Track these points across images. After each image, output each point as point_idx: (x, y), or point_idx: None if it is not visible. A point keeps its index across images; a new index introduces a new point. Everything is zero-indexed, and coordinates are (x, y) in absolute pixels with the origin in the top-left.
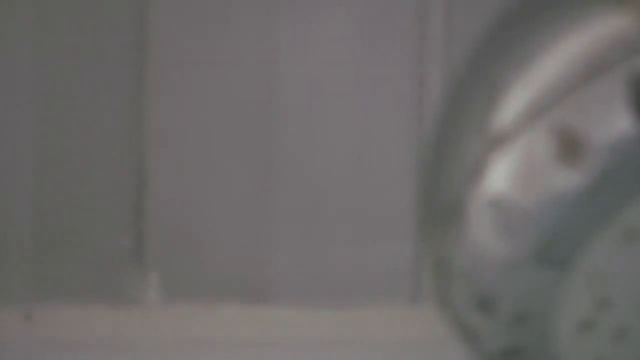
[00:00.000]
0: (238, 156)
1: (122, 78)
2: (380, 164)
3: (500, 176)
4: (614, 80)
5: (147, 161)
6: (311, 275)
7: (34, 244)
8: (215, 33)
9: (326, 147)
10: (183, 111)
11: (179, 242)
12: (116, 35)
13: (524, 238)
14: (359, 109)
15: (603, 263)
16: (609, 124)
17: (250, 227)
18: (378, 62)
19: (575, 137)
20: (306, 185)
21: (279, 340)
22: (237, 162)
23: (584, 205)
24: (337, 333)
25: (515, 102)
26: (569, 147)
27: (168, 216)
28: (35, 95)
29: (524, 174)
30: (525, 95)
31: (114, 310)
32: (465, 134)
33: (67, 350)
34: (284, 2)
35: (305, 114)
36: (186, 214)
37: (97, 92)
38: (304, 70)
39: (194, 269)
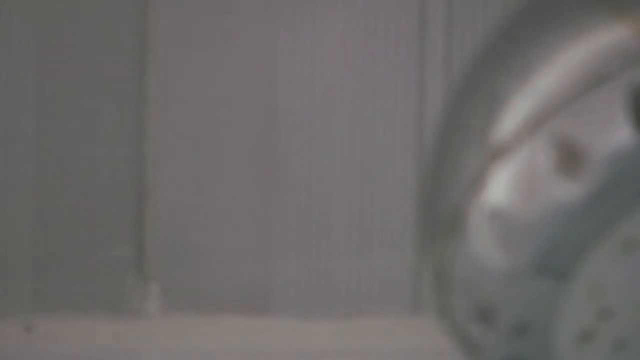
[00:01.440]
0: (239, 167)
1: (122, 86)
2: (381, 175)
3: (500, 187)
4: (613, 91)
5: (147, 172)
6: (312, 286)
7: (34, 255)
8: (216, 38)
9: (327, 159)
10: (184, 121)
11: (179, 253)
12: (117, 41)
13: (523, 249)
14: (360, 121)
15: (603, 274)
16: (609, 135)
17: (251, 238)
18: (378, 71)
19: (574, 148)
20: (307, 196)
21: (280, 351)
22: (238, 173)
23: (583, 216)
24: (337, 344)
25: (515, 113)
26: (569, 158)
27: (168, 227)
28: (35, 103)
29: (524, 185)
30: (524, 106)
31: (115, 321)
32: (465, 145)
33: None
34: (285, 7)
35: (306, 126)
36: (187, 225)
37: (98, 102)
38: (305, 78)
39: (194, 280)
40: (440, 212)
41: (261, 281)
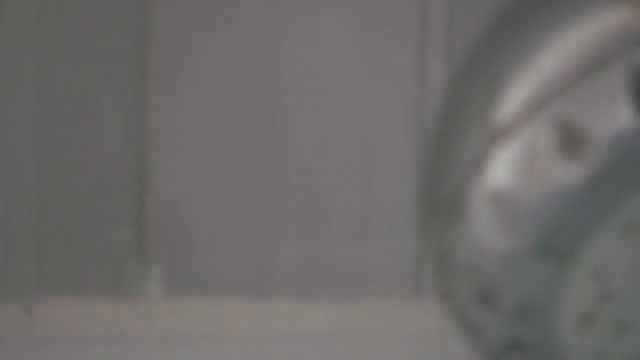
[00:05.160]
0: (240, 150)
1: (124, 70)
2: (382, 159)
3: (502, 170)
4: (614, 74)
5: (149, 155)
6: (313, 269)
7: (36, 238)
8: (218, 27)
9: (328, 143)
10: (185, 104)
11: (181, 236)
12: (119, 28)
13: (525, 231)
14: (361, 105)
15: (605, 256)
16: (610, 118)
17: (253, 221)
18: (379, 58)
19: (576, 131)
20: (308, 179)
21: (282, 334)
22: (240, 156)
23: (585, 199)
24: (339, 327)
25: (516, 95)
26: (571, 140)
27: (170, 210)
28: (36, 88)
29: (526, 168)
30: (526, 89)
31: (116, 304)
32: (467, 128)
33: (69, 344)
34: None
35: (308, 110)
36: (188, 208)
37: (99, 85)
38: (306, 67)
39: (196, 263)
40: (442, 195)
41: (262, 264)
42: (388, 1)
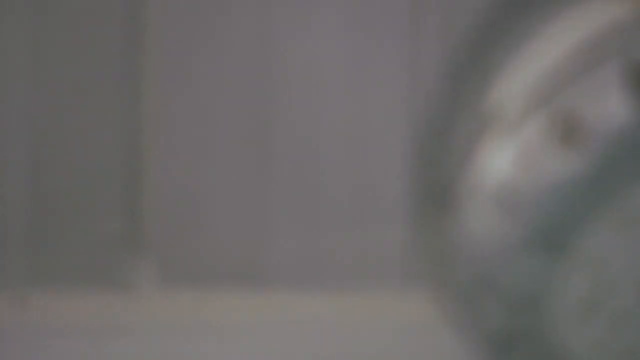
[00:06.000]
0: (235, 142)
1: (119, 58)
2: (374, 151)
3: (499, 161)
4: (613, 67)
5: (143, 147)
6: (307, 260)
7: (30, 229)
8: (215, 18)
9: (323, 135)
10: (179, 95)
11: (175, 228)
12: (114, 24)
13: (523, 221)
14: (354, 98)
15: (602, 247)
16: (608, 110)
17: (247, 213)
18: (372, 48)
19: (574, 123)
20: (302, 171)
21: (274, 324)
22: (235, 148)
23: (583, 190)
24: (332, 316)
25: (514, 87)
26: (569, 132)
27: (165, 201)
28: (32, 81)
29: (524, 159)
30: (524, 81)
31: (110, 295)
32: (463, 119)
33: (62, 334)
34: None
35: (303, 102)
36: (183, 199)
37: (94, 77)
38: (300, 61)
39: (190, 254)
40: (439, 186)
41: (256, 255)
42: None
